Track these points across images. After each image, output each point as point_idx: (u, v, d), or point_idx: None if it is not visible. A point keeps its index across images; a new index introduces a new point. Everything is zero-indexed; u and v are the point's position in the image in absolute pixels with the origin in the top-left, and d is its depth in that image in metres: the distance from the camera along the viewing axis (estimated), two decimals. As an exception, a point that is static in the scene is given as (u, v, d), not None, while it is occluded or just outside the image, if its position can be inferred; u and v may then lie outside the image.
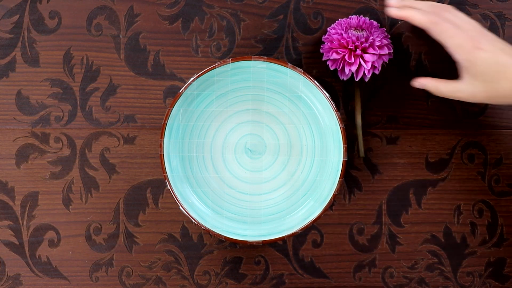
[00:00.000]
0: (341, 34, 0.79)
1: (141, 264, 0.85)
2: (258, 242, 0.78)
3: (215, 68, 0.77)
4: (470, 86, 0.69)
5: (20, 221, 0.85)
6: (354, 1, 0.86)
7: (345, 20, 0.81)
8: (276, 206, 0.82)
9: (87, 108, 0.85)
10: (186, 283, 0.86)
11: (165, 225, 0.85)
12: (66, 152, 0.85)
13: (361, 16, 0.82)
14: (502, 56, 0.67)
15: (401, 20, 0.86)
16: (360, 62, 0.78)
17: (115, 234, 0.85)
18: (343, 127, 0.77)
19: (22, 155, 0.85)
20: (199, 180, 0.82)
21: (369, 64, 0.78)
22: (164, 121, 0.78)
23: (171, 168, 0.79)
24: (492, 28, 0.86)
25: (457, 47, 0.68)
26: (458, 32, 0.69)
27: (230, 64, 0.77)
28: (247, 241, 0.78)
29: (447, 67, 0.86)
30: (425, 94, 0.86)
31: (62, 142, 0.85)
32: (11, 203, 0.85)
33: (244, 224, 0.80)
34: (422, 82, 0.76)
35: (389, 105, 0.86)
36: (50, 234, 0.85)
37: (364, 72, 0.79)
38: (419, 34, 0.86)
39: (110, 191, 0.85)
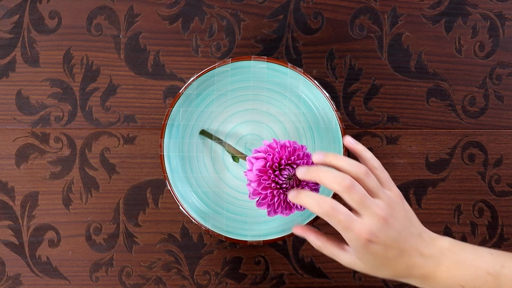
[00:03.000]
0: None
1: (141, 264, 0.85)
2: (258, 242, 0.78)
3: (215, 68, 0.77)
4: (353, 263, 0.66)
5: (20, 221, 0.85)
6: (354, 1, 0.86)
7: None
8: (276, 206, 0.82)
9: (87, 108, 0.85)
10: (186, 283, 0.86)
11: (165, 225, 0.85)
12: (66, 152, 0.85)
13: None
14: (392, 251, 0.64)
15: (401, 20, 0.86)
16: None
17: (115, 234, 0.85)
18: (343, 127, 0.77)
19: (22, 155, 0.85)
20: (199, 180, 0.82)
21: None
22: (164, 121, 0.78)
23: (171, 168, 0.79)
24: (492, 28, 0.86)
25: (350, 240, 0.64)
26: (352, 224, 0.63)
27: (230, 64, 0.77)
28: (247, 241, 0.78)
29: (447, 67, 0.86)
30: (425, 94, 0.86)
31: (62, 142, 0.85)
32: (11, 203, 0.85)
33: (244, 224, 0.80)
34: (304, 232, 0.70)
35: (389, 105, 0.86)
36: (50, 234, 0.85)
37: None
38: (419, 34, 0.86)
39: (110, 191, 0.85)
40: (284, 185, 0.68)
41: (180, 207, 0.78)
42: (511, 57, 0.86)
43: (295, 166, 0.68)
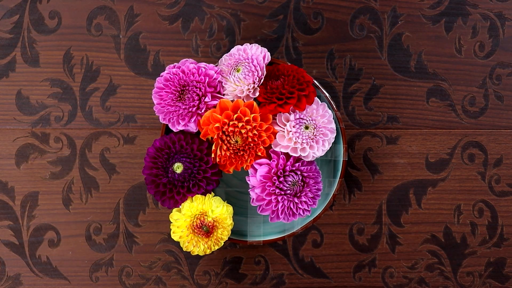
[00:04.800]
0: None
1: (141, 264, 0.85)
2: (258, 242, 0.78)
3: (215, 68, 0.77)
4: None
5: (20, 221, 0.85)
6: (354, 1, 0.86)
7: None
8: (276, 206, 0.81)
9: (87, 108, 0.85)
10: (186, 283, 0.86)
11: (165, 225, 0.85)
12: (66, 152, 0.85)
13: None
14: None
15: (401, 20, 0.86)
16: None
17: (115, 234, 0.85)
18: (343, 127, 0.77)
19: (22, 155, 0.85)
20: (199, 180, 0.81)
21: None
22: (164, 121, 0.77)
23: (171, 168, 0.79)
24: (492, 28, 0.86)
25: None
26: None
27: (230, 64, 0.77)
28: (247, 241, 0.78)
29: (447, 67, 0.86)
30: (425, 94, 0.86)
31: (62, 142, 0.85)
32: (11, 203, 0.85)
33: (244, 224, 0.80)
34: None
35: (389, 105, 0.86)
36: (50, 234, 0.85)
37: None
38: (419, 34, 0.86)
39: (110, 191, 0.85)
40: (288, 191, 0.68)
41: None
42: (511, 57, 0.86)
43: (298, 173, 0.68)
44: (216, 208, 0.70)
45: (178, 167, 0.67)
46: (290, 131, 0.68)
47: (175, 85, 0.68)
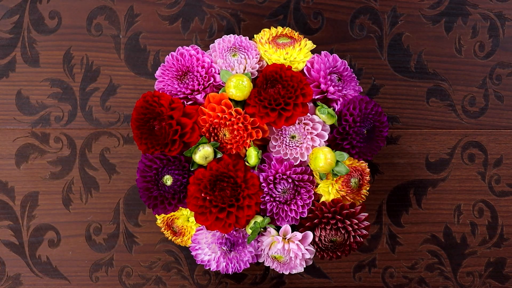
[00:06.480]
0: None
1: (141, 264, 0.86)
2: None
3: (215, 68, 0.77)
4: None
5: (20, 221, 0.85)
6: (354, 1, 0.86)
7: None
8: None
9: (87, 108, 0.85)
10: (186, 283, 0.86)
11: (165, 225, 0.85)
12: (66, 152, 0.85)
13: None
14: None
15: (401, 20, 0.86)
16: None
17: (115, 234, 0.85)
18: (343, 127, 0.77)
19: (22, 155, 0.85)
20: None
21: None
22: (164, 121, 0.77)
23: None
24: (492, 28, 0.86)
25: None
26: None
27: (230, 64, 0.77)
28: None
29: (447, 67, 0.86)
30: (425, 94, 0.86)
31: (62, 142, 0.85)
32: (11, 203, 0.85)
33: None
34: None
35: (389, 105, 0.86)
36: (50, 234, 0.85)
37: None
38: (419, 34, 0.86)
39: (110, 191, 0.85)
40: (278, 199, 0.68)
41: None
42: (511, 57, 0.86)
43: (290, 180, 0.68)
44: (180, 216, 0.73)
45: (167, 180, 0.67)
46: (277, 140, 0.68)
47: (181, 65, 0.69)
